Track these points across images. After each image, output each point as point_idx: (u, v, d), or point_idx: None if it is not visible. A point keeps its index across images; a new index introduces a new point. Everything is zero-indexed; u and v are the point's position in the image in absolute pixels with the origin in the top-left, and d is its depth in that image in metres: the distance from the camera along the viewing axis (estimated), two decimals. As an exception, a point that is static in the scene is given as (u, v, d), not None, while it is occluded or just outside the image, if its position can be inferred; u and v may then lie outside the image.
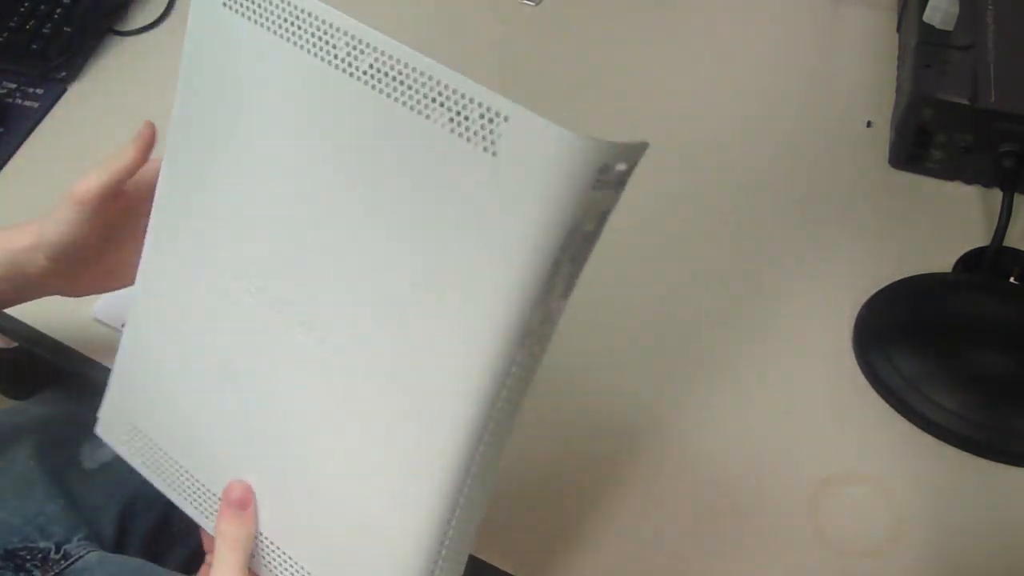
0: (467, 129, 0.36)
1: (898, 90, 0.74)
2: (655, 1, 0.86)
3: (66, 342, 0.68)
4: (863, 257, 0.68)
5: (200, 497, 0.49)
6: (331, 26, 0.40)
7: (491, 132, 0.36)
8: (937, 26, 0.69)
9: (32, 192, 0.78)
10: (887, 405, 0.62)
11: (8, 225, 0.56)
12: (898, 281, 0.66)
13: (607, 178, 0.36)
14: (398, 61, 0.38)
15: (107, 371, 0.53)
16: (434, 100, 0.37)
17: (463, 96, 0.36)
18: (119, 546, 0.66)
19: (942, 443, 0.60)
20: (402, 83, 0.38)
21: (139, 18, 0.89)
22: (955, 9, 0.68)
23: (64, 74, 0.85)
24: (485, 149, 0.36)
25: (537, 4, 0.86)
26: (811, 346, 0.65)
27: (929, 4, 0.69)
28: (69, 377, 0.75)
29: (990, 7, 0.70)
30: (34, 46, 0.85)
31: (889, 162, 0.73)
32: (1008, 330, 0.63)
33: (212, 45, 0.44)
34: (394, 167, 0.39)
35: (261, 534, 0.47)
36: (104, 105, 0.83)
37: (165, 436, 0.50)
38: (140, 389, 0.51)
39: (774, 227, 0.71)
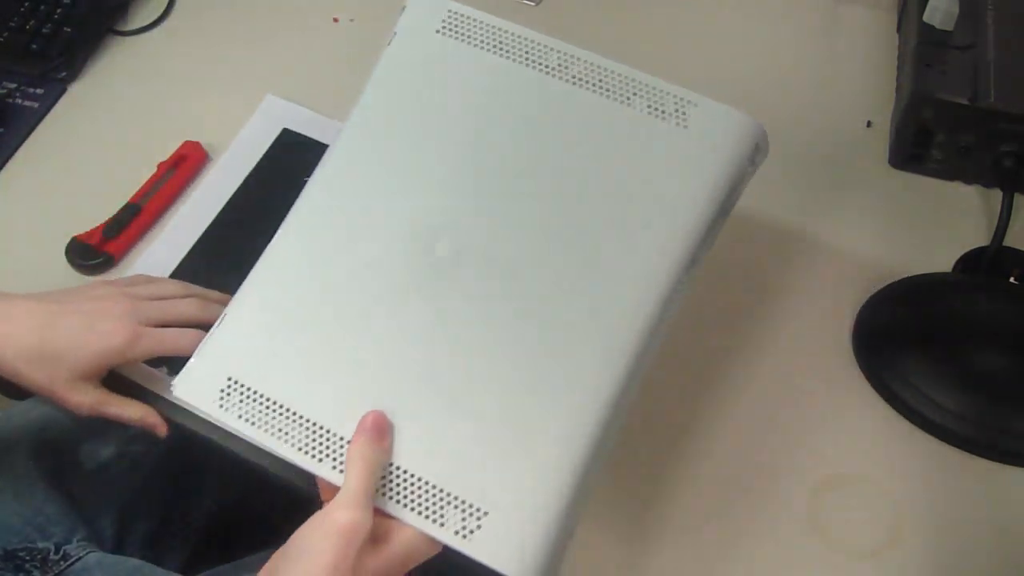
0: (663, 111, 0.51)
1: (898, 90, 0.74)
2: (654, 1, 0.86)
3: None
4: (863, 257, 0.68)
5: (316, 441, 0.49)
6: (543, 46, 0.53)
7: (684, 113, 0.50)
8: (937, 26, 0.69)
9: (32, 192, 0.78)
10: (887, 405, 0.62)
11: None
12: (898, 281, 0.66)
13: (756, 156, 0.51)
14: (604, 69, 0.52)
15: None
16: (635, 93, 0.51)
17: (661, 91, 0.51)
18: (119, 546, 0.66)
19: (942, 443, 0.60)
20: (607, 83, 0.52)
21: (139, 18, 0.89)
22: (955, 9, 0.68)
23: (64, 74, 0.85)
24: (678, 124, 0.50)
25: (537, 4, 0.86)
26: (811, 346, 0.65)
27: (929, 4, 0.69)
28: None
29: (990, 7, 0.70)
30: (34, 46, 0.85)
31: (889, 162, 0.73)
32: (1008, 330, 0.63)
33: (417, 61, 0.54)
34: (599, 140, 0.51)
35: (392, 464, 0.47)
36: (104, 105, 0.83)
37: (277, 385, 0.51)
38: (250, 340, 0.52)
39: (773, 227, 0.71)
